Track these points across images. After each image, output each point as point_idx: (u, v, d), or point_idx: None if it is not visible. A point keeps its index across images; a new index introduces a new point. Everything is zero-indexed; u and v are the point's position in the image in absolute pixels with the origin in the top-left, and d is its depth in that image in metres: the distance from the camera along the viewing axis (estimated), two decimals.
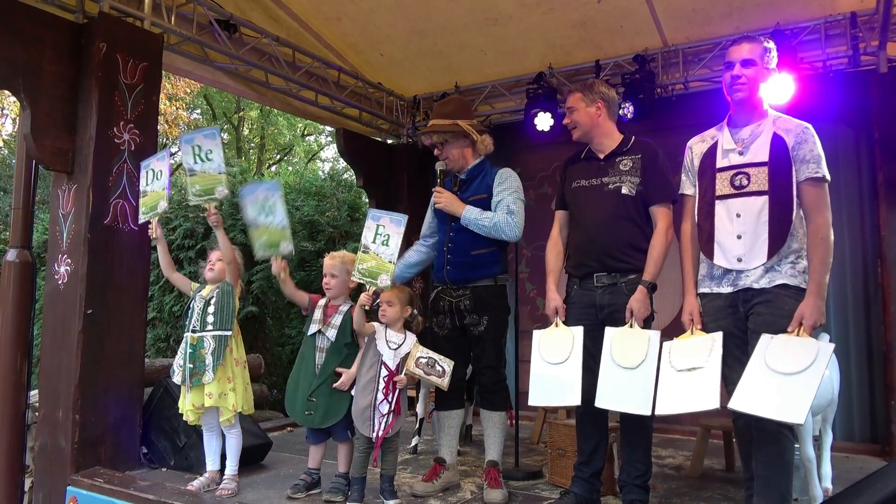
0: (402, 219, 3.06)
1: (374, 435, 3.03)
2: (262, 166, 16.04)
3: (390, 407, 3.06)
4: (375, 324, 3.16)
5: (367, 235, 3.08)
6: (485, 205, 3.30)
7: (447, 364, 3.10)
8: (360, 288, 3.14)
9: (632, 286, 2.88)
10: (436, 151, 3.41)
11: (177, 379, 3.40)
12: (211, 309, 3.38)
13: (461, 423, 3.55)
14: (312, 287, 5.02)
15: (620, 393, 2.71)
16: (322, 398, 3.20)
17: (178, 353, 3.45)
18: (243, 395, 3.39)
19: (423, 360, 3.07)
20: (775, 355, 2.37)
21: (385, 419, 3.04)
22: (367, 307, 3.06)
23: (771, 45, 2.66)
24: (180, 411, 3.41)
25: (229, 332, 3.37)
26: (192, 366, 3.32)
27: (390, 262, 3.02)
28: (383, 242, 3.04)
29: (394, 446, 3.13)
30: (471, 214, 3.25)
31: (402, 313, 3.17)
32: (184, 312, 3.53)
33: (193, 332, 3.37)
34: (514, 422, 3.84)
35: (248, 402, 3.43)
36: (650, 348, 2.70)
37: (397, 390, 3.08)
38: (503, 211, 3.25)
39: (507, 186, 3.32)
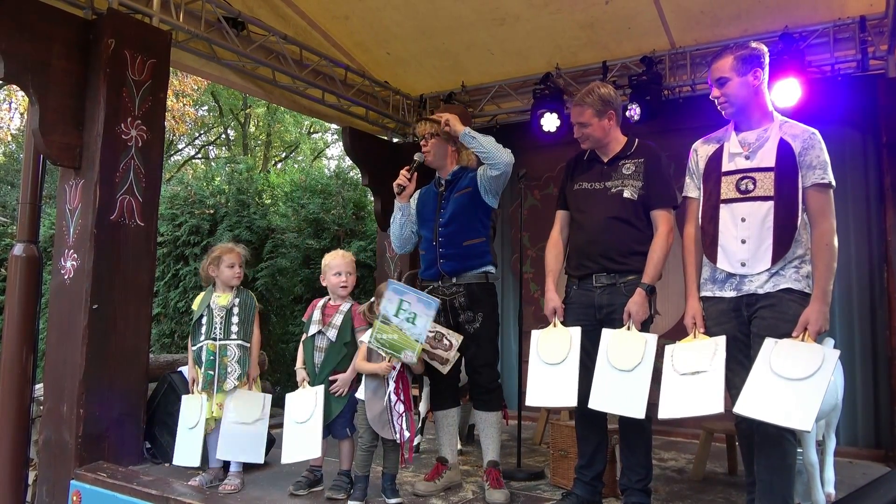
0: (434, 303, 2.94)
1: (399, 437, 3.02)
2: (268, 163, 16.07)
3: (405, 406, 3.07)
4: (364, 333, 3.16)
5: (387, 307, 2.96)
6: (471, 196, 3.32)
7: (455, 338, 3.09)
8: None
9: (630, 287, 2.88)
10: (423, 141, 3.40)
11: (196, 389, 3.41)
12: (234, 319, 3.42)
13: (459, 420, 3.55)
14: (316, 284, 5.03)
15: (614, 395, 2.70)
16: None
17: (192, 363, 3.47)
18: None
19: (431, 334, 3.05)
20: (781, 360, 2.36)
21: (403, 418, 3.04)
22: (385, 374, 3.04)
23: (752, 50, 2.58)
24: (206, 417, 3.40)
25: (248, 344, 3.44)
26: (212, 373, 3.36)
27: (417, 341, 2.94)
28: (409, 320, 2.92)
29: (396, 445, 3.13)
30: (471, 132, 3.21)
31: None
32: (195, 321, 3.49)
33: (214, 339, 3.40)
34: (508, 421, 3.83)
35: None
36: (646, 351, 2.69)
37: (409, 389, 3.08)
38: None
39: None
